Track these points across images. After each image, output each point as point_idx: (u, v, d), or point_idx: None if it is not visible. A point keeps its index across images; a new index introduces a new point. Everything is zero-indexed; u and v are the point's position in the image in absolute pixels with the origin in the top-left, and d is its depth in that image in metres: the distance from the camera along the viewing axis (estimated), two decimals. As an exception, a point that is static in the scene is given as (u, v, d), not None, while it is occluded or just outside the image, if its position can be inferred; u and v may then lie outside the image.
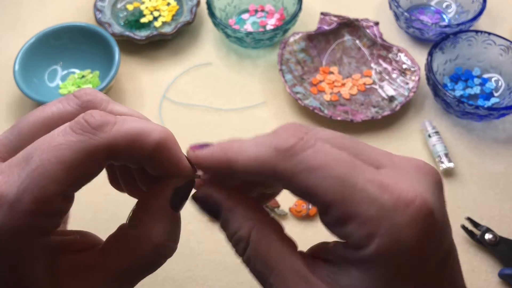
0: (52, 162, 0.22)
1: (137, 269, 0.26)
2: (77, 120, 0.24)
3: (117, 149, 0.24)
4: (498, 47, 0.67)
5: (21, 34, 0.76)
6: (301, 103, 0.65)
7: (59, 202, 0.23)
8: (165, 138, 0.25)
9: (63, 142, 0.23)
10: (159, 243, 0.26)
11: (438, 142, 0.62)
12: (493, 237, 0.55)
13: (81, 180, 0.24)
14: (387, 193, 0.22)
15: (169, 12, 0.77)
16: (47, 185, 0.22)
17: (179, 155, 0.27)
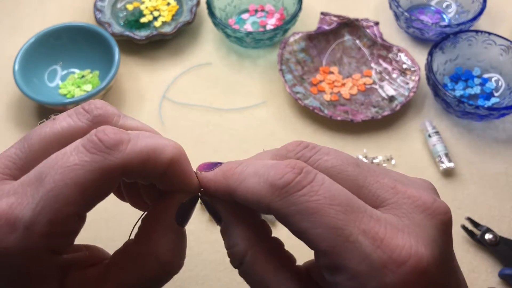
0: (67, 183, 0.22)
1: (144, 285, 0.26)
2: (90, 139, 0.23)
3: (131, 168, 0.24)
4: (498, 47, 0.67)
5: (21, 34, 0.76)
6: (301, 103, 0.65)
7: (74, 222, 0.23)
8: (178, 154, 0.25)
9: (77, 162, 0.23)
10: (165, 260, 0.26)
11: (438, 142, 0.62)
12: (493, 237, 0.55)
13: (96, 200, 0.24)
14: (380, 248, 0.21)
15: (169, 12, 0.77)
16: (62, 207, 0.22)
17: (190, 171, 0.27)
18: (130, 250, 0.26)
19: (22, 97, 0.69)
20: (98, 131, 0.24)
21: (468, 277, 0.54)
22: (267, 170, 0.23)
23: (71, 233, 0.24)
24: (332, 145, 0.65)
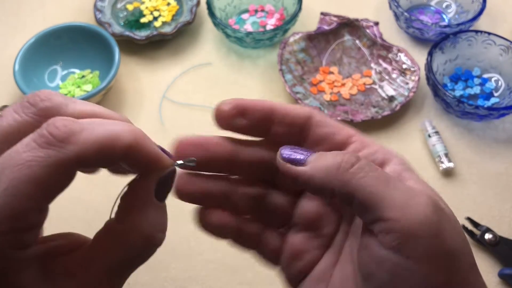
0: (23, 180, 0.22)
1: (129, 262, 0.26)
2: (41, 133, 0.23)
3: (87, 159, 0.24)
4: (498, 47, 0.67)
5: (21, 34, 0.76)
6: (301, 103, 0.65)
7: (35, 217, 0.23)
8: (135, 139, 0.25)
9: (31, 158, 0.22)
10: (148, 235, 0.26)
11: (438, 142, 0.62)
12: (493, 237, 0.55)
13: (55, 193, 0.24)
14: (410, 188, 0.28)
15: (169, 12, 0.77)
16: (20, 204, 0.22)
17: (153, 151, 0.27)
18: (113, 228, 0.26)
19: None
20: (48, 125, 0.23)
21: (468, 277, 0.54)
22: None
23: (34, 226, 0.23)
24: (332, 145, 0.65)
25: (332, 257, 0.31)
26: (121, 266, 0.26)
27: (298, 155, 0.28)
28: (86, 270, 0.25)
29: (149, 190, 0.27)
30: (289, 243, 0.32)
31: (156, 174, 0.27)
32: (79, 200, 0.59)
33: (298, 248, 0.31)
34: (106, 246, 0.26)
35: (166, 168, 0.28)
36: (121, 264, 0.26)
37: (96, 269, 0.25)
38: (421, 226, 0.25)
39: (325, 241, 0.31)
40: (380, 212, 0.25)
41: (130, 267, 0.27)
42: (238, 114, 0.30)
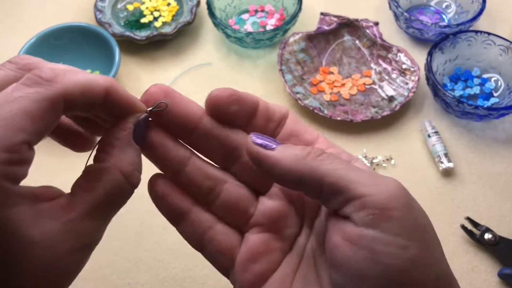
0: (16, 113, 0.23)
1: (110, 201, 0.27)
2: (28, 76, 0.25)
3: (72, 96, 0.26)
4: (497, 47, 0.67)
5: (21, 34, 0.76)
6: (301, 103, 0.65)
7: (26, 151, 0.24)
8: (111, 84, 0.28)
9: (21, 95, 0.24)
10: (128, 172, 0.28)
11: (438, 142, 0.63)
12: (492, 237, 0.55)
13: (44, 129, 0.25)
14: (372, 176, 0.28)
15: (169, 12, 0.78)
16: (14, 135, 0.23)
17: (128, 95, 0.29)
18: (92, 170, 0.28)
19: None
20: (34, 70, 0.25)
21: (468, 277, 0.54)
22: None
23: (25, 161, 0.24)
24: (332, 145, 0.65)
25: (292, 262, 0.31)
26: (103, 205, 0.27)
27: (268, 142, 0.29)
28: (69, 212, 0.26)
29: (128, 131, 0.29)
30: (248, 243, 0.31)
31: (133, 117, 0.29)
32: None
33: (257, 249, 0.30)
34: (87, 187, 0.27)
35: (140, 111, 0.29)
36: (103, 202, 0.27)
37: (79, 209, 0.26)
38: (393, 201, 0.26)
39: (286, 245, 0.31)
40: (352, 191, 0.26)
41: (112, 206, 0.28)
42: (233, 102, 0.30)
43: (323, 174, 0.27)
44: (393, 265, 0.25)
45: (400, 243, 0.25)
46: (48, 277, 0.25)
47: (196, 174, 0.31)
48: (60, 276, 0.26)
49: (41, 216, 0.25)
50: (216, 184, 0.31)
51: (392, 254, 0.25)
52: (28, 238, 0.24)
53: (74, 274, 0.27)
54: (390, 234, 0.25)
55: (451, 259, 0.58)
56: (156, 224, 0.57)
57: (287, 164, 0.28)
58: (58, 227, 0.25)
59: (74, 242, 0.26)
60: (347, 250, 0.26)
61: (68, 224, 0.26)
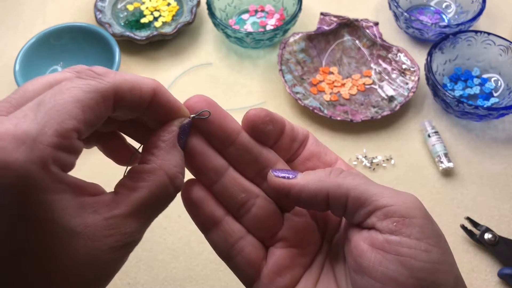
0: (68, 100, 0.24)
1: (155, 201, 0.27)
2: (82, 71, 0.26)
3: (122, 92, 0.27)
4: (497, 47, 0.67)
5: (21, 34, 0.76)
6: (301, 103, 0.65)
7: (76, 140, 0.25)
8: (158, 86, 0.29)
9: (75, 85, 0.25)
10: (173, 174, 0.28)
11: (438, 142, 0.63)
12: (492, 236, 0.55)
13: (93, 121, 0.25)
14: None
15: (169, 12, 0.78)
16: (65, 121, 0.24)
17: (174, 99, 0.30)
18: (137, 171, 0.28)
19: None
20: (89, 67, 0.27)
21: (468, 277, 0.54)
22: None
23: (74, 150, 0.25)
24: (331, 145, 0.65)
25: (312, 277, 0.32)
26: (147, 205, 0.27)
27: (288, 173, 0.31)
28: (112, 209, 0.26)
29: (174, 133, 0.29)
30: (274, 257, 0.32)
31: (178, 121, 0.30)
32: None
33: (283, 263, 0.32)
34: (132, 187, 0.27)
35: (184, 116, 0.30)
36: (147, 202, 0.27)
37: (123, 207, 0.26)
38: (413, 210, 0.28)
39: (308, 260, 0.33)
40: (375, 202, 0.28)
41: (155, 207, 0.28)
42: (268, 122, 0.32)
43: (347, 189, 0.29)
44: (418, 266, 0.27)
45: (423, 247, 0.27)
46: (86, 271, 0.25)
47: (232, 186, 0.32)
48: (99, 273, 0.26)
49: (85, 209, 0.25)
50: (250, 198, 0.32)
51: (417, 256, 0.27)
52: (70, 228, 0.24)
53: (112, 274, 0.27)
54: (413, 238, 0.27)
55: (451, 259, 0.58)
56: (156, 224, 0.56)
57: (313, 186, 0.30)
58: (101, 222, 0.25)
59: (116, 239, 0.26)
60: (374, 256, 0.28)
61: (111, 220, 0.26)
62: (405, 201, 0.28)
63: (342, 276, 0.31)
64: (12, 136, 0.22)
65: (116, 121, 0.31)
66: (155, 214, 0.28)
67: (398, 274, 0.27)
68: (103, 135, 0.32)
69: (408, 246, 0.27)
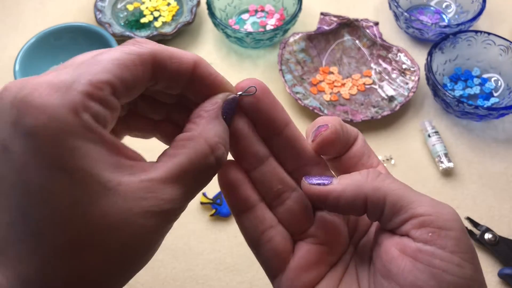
0: (106, 58, 0.25)
1: (195, 168, 0.27)
2: (127, 41, 0.27)
3: (161, 59, 0.27)
4: (497, 47, 0.67)
5: (21, 34, 0.76)
6: (301, 103, 0.65)
7: (109, 94, 0.25)
8: (200, 58, 0.29)
9: (116, 49, 0.26)
10: (213, 142, 0.27)
11: (438, 142, 0.63)
12: (492, 236, 0.55)
13: (130, 80, 0.25)
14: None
15: (169, 12, 0.78)
16: (99, 73, 0.24)
17: (216, 72, 0.30)
18: (179, 139, 0.28)
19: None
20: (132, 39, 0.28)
21: (468, 277, 0.54)
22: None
23: (107, 104, 0.25)
24: (332, 145, 0.65)
25: (336, 276, 0.32)
26: (186, 172, 0.26)
27: (323, 179, 0.30)
28: (149, 172, 0.25)
29: (217, 105, 0.29)
30: (302, 251, 0.31)
31: (223, 95, 0.29)
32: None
33: (310, 259, 0.31)
34: (171, 154, 0.27)
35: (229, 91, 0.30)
36: (186, 169, 0.26)
37: (160, 171, 0.25)
38: (450, 223, 0.28)
39: (334, 259, 0.32)
40: (413, 210, 0.28)
41: (195, 176, 0.27)
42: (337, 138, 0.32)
43: (386, 193, 0.28)
44: (449, 280, 0.26)
45: (456, 261, 0.27)
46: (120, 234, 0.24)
47: (271, 175, 0.31)
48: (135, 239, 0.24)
49: (120, 168, 0.24)
50: (285, 190, 0.32)
51: (449, 269, 0.26)
52: (101, 181, 0.23)
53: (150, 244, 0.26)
54: (447, 251, 0.27)
55: (451, 259, 0.58)
56: (156, 224, 0.57)
57: (351, 191, 0.29)
58: (136, 184, 0.24)
59: (151, 203, 0.24)
60: (405, 263, 0.27)
61: (147, 183, 0.25)
62: (443, 212, 0.28)
63: (365, 279, 0.31)
64: (48, 83, 0.23)
65: (165, 105, 0.31)
66: (197, 184, 0.27)
67: (427, 285, 0.26)
68: (158, 124, 0.32)
69: (441, 258, 0.27)
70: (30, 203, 0.23)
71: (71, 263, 0.23)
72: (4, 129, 0.23)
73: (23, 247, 0.23)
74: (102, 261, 0.24)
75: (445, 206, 0.29)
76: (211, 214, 0.58)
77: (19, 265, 0.23)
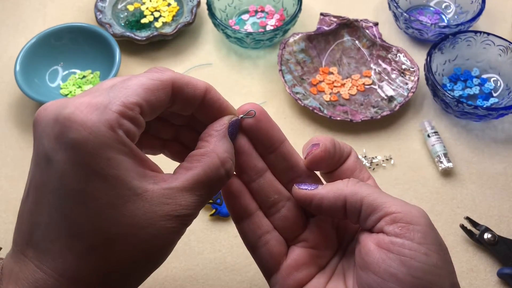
0: (134, 83, 0.29)
1: (208, 179, 0.31)
2: (150, 69, 0.32)
3: (179, 85, 0.31)
4: (497, 47, 0.67)
5: (22, 34, 0.77)
6: (301, 103, 0.65)
7: (138, 114, 0.29)
8: (210, 86, 0.33)
9: (142, 75, 0.30)
10: (223, 157, 0.32)
11: (437, 142, 0.63)
12: (492, 236, 0.55)
13: (154, 102, 0.30)
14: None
15: (170, 12, 0.78)
16: (130, 96, 0.29)
17: (223, 98, 0.34)
18: (192, 155, 0.32)
19: (23, 97, 0.69)
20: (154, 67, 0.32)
21: (467, 276, 0.55)
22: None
23: (136, 122, 0.29)
24: (331, 145, 0.65)
25: (325, 277, 0.36)
26: (201, 182, 0.31)
27: (310, 186, 0.35)
28: (170, 182, 0.30)
29: (225, 126, 0.34)
30: (294, 254, 0.36)
31: (228, 117, 0.34)
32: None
33: (301, 260, 0.36)
34: (188, 167, 0.31)
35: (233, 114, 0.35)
36: (201, 179, 0.31)
37: (179, 181, 0.30)
38: (418, 218, 0.32)
39: (323, 262, 0.36)
40: (386, 209, 0.32)
41: (208, 186, 0.31)
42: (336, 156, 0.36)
43: (362, 196, 0.33)
44: (417, 266, 0.30)
45: (423, 251, 0.31)
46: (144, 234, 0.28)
47: (268, 186, 0.36)
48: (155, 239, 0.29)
49: (146, 178, 0.29)
50: (281, 200, 0.36)
51: (417, 257, 0.30)
52: (131, 187, 0.28)
53: (168, 245, 0.30)
54: (415, 242, 0.31)
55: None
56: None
57: (332, 194, 0.34)
58: (159, 191, 0.29)
59: (172, 208, 0.29)
60: (379, 254, 0.31)
61: (168, 190, 0.29)
62: (412, 210, 0.32)
63: (351, 279, 0.35)
64: (88, 104, 0.28)
65: (174, 126, 0.37)
66: (209, 193, 0.31)
67: (399, 271, 0.30)
68: (167, 143, 0.37)
69: (409, 248, 0.30)
70: (70, 205, 0.27)
71: (105, 258, 0.28)
72: (48, 142, 0.27)
73: (60, 244, 0.27)
74: (131, 256, 0.28)
75: (414, 207, 0.33)
76: (211, 214, 0.58)
77: (56, 260, 0.27)
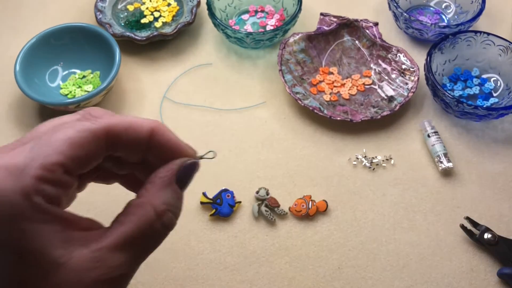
0: (57, 138, 0.26)
1: (141, 235, 0.27)
2: (81, 113, 0.28)
3: (115, 132, 0.28)
4: (497, 47, 0.67)
5: (22, 34, 0.77)
6: (301, 103, 0.65)
7: (62, 174, 0.26)
8: (158, 124, 0.29)
9: (71, 125, 0.27)
10: (160, 210, 0.28)
11: (437, 142, 0.63)
12: (492, 236, 0.55)
13: (82, 157, 0.27)
14: None
15: (170, 12, 0.78)
16: (51, 155, 0.25)
17: (175, 138, 0.30)
18: (129, 205, 0.28)
19: (24, 97, 0.69)
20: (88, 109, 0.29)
21: (467, 276, 0.55)
22: None
23: (59, 183, 0.26)
24: (331, 145, 0.65)
25: None
26: (133, 239, 0.27)
27: None
28: (99, 241, 0.26)
29: (171, 172, 0.29)
30: None
31: (180, 161, 0.30)
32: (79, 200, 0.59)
33: None
34: (121, 220, 0.27)
35: (189, 156, 0.30)
36: (133, 236, 0.27)
37: (109, 240, 0.26)
38: None
39: None
40: None
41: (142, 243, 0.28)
42: None
43: None
44: None
45: None
46: None
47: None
48: None
49: (72, 242, 0.26)
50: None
51: None
52: (53, 258, 0.25)
53: None
54: None
55: (450, 259, 0.58)
56: (156, 224, 0.57)
57: None
58: (87, 255, 0.26)
59: (101, 272, 0.26)
60: None
61: (97, 253, 0.26)
62: None
63: None
64: (4, 168, 0.25)
65: (128, 164, 0.32)
66: (145, 249, 0.28)
67: None
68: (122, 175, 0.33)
69: None
70: None
71: None
72: None
73: None
74: None
75: None
76: (211, 214, 0.58)
77: None
